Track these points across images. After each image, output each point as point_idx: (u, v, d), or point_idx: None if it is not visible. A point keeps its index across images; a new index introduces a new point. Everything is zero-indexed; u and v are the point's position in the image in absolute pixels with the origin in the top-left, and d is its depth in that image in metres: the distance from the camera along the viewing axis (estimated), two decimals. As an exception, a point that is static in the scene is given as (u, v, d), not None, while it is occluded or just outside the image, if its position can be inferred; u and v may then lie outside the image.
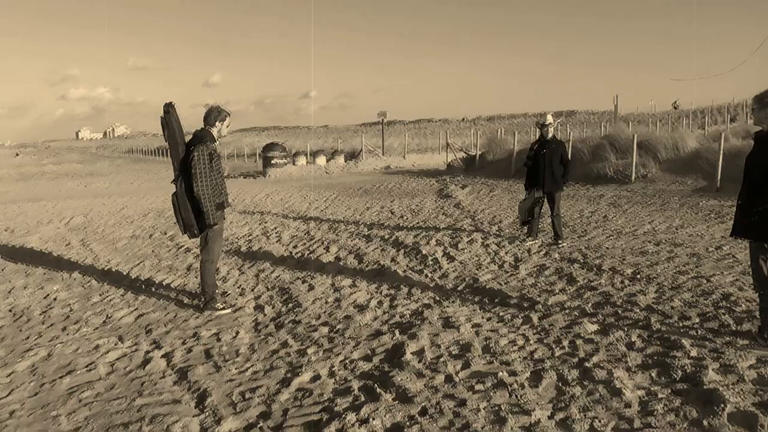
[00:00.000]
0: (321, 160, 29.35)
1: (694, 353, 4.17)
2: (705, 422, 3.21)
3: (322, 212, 13.10)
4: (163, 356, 4.45)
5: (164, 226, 11.50)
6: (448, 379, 3.89)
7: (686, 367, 3.93)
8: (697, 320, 4.91)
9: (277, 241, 9.38)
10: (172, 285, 6.70)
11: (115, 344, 4.73)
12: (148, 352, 4.55)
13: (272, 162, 26.46)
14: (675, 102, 57.93)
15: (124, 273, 7.41)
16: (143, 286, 6.68)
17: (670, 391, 3.62)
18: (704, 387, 3.61)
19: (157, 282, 6.83)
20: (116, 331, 5.12)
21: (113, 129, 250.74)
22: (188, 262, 7.98)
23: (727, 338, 4.44)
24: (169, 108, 5.16)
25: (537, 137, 9.01)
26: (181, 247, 9.12)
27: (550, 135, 8.68)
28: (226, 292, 6.28)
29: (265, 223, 11.55)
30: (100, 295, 6.36)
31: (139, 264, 7.95)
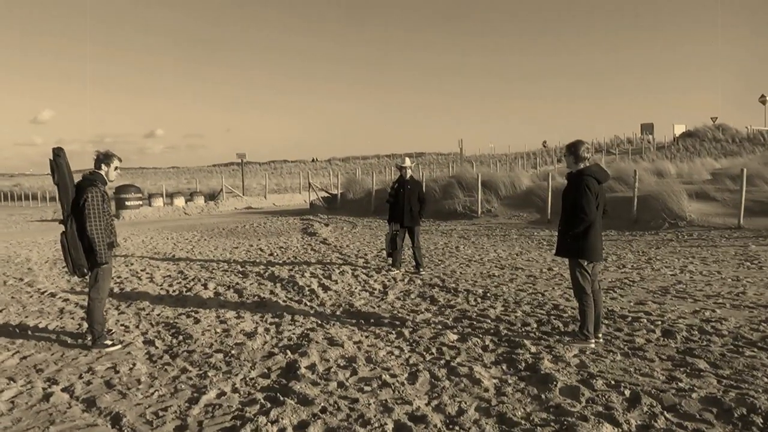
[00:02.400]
0: (179, 201, 28.69)
1: (533, 349, 5.21)
2: (543, 396, 4.15)
3: (189, 252, 13.12)
4: (63, 390, 4.57)
5: (17, 272, 10.91)
6: (341, 384, 4.52)
7: (528, 359, 4.93)
8: (535, 325, 6.03)
9: (150, 281, 9.41)
10: (48, 327, 6.61)
11: (8, 384, 4.74)
12: (45, 388, 4.63)
13: (127, 204, 25.41)
14: (544, 141, 68.67)
15: (-11, 320, 7.11)
16: (17, 331, 6.51)
17: (517, 378, 4.56)
18: (541, 372, 4.60)
19: (31, 326, 6.69)
20: (2, 373, 5.09)
21: None
22: (58, 305, 7.81)
23: (557, 337, 5.57)
24: (59, 152, 5.36)
25: (397, 177, 10.04)
26: (44, 292, 8.83)
27: (408, 175, 9.75)
28: (111, 329, 6.37)
29: (132, 265, 11.39)
30: (-32, 342, 6.12)
31: (1, 311, 7.63)
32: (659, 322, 5.91)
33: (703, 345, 5.17)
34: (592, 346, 5.23)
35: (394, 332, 5.97)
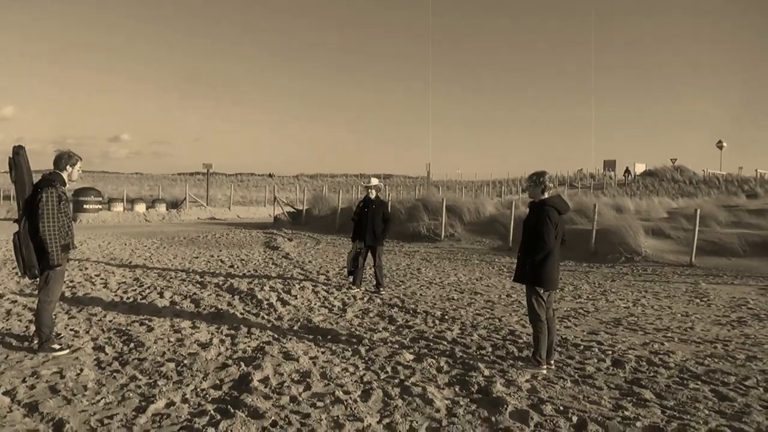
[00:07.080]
0: (140, 208, 28.14)
1: (486, 373, 5.26)
2: (493, 419, 4.20)
3: (147, 260, 12.87)
4: (4, 393, 4.41)
5: (-36, 270, 10.52)
6: (293, 399, 4.49)
7: (481, 382, 4.98)
8: (490, 349, 6.10)
9: (104, 287, 9.19)
10: (-7, 329, 6.40)
11: (-55, 384, 4.57)
12: (-15, 390, 4.48)
13: (85, 207, 24.81)
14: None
15: (-70, 318, 6.84)
16: (-41, 331, 6.28)
17: (469, 399, 4.60)
18: (493, 395, 4.65)
19: (-26, 326, 6.46)
20: (-60, 373, 4.89)
21: None
22: (5, 307, 7.56)
23: (511, 361, 5.64)
24: (19, 150, 5.25)
25: (363, 197, 10.10)
26: (-9, 292, 8.53)
27: (373, 195, 9.81)
28: (59, 334, 6.19)
29: (86, 269, 11.11)
30: None
31: (-56, 309, 7.35)
32: (610, 352, 6.05)
33: (650, 376, 5.31)
34: (544, 372, 5.32)
35: (350, 349, 5.96)
